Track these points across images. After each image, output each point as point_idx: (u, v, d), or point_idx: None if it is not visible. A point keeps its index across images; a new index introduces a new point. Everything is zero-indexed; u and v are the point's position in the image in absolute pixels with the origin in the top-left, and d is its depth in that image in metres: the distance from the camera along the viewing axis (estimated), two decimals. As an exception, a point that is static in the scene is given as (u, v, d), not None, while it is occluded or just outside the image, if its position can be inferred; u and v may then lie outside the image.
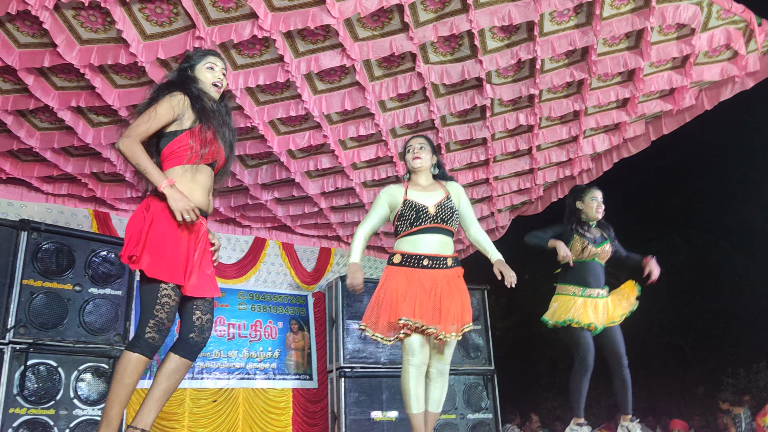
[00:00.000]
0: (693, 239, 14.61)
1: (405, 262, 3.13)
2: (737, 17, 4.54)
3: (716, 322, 14.02)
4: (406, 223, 3.17)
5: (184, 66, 2.76)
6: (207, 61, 2.75)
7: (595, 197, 4.13)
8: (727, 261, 13.95)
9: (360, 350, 6.42)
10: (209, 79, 2.72)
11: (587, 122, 5.58)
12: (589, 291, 4.00)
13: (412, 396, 3.05)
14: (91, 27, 4.05)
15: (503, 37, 4.57)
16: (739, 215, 13.29)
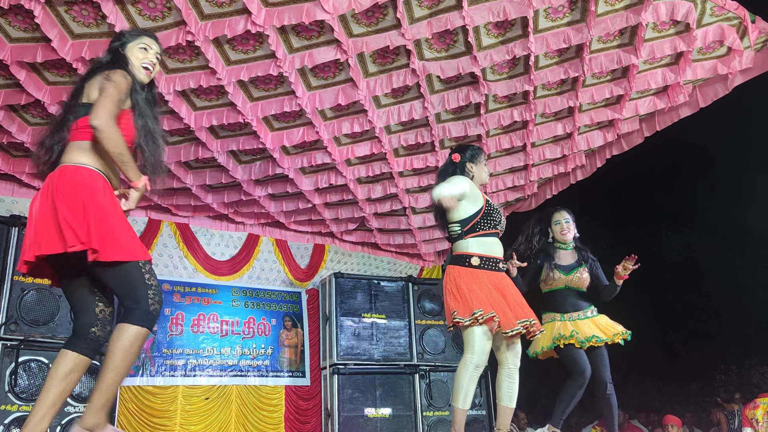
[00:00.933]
0: (686, 237, 14.63)
1: (485, 265, 3.29)
2: (731, 14, 4.54)
3: (709, 320, 14.06)
4: (491, 223, 3.38)
5: (115, 45, 2.61)
6: (141, 41, 2.60)
7: (558, 221, 4.17)
8: (721, 259, 13.98)
9: (354, 347, 6.42)
10: (140, 59, 2.57)
11: (581, 119, 5.58)
12: (569, 315, 4.04)
13: (463, 391, 3.19)
14: (83, 21, 4.02)
15: (498, 34, 4.56)
16: (732, 214, 13.31)
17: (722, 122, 10.24)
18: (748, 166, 12.67)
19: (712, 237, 14.33)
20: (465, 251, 3.29)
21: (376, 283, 6.83)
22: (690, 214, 14.41)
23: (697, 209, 14.29)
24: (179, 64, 4.48)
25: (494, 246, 3.34)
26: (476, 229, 3.29)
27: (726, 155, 14.31)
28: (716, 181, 14.41)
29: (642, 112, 5.55)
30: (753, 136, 12.03)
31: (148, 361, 6.00)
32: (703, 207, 14.20)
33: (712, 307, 14.07)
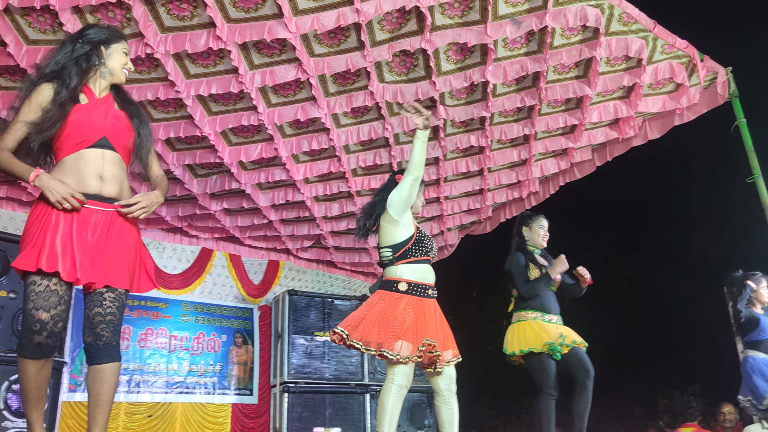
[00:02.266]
0: (638, 264, 15.02)
1: (413, 291, 3.25)
2: (680, 52, 4.73)
3: (656, 345, 14.41)
4: (422, 250, 3.34)
5: (95, 40, 2.53)
6: (124, 45, 2.60)
7: (542, 226, 4.22)
8: (669, 286, 14.37)
9: (305, 365, 6.37)
10: (122, 63, 2.57)
11: (536, 146, 5.70)
12: (548, 317, 4.03)
13: (388, 415, 3.12)
14: (39, 28, 3.94)
15: (457, 60, 4.65)
16: (682, 242, 13.73)
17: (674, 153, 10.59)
18: (699, 197, 13.12)
19: (662, 264, 14.74)
20: (394, 277, 3.27)
21: (330, 302, 6.81)
22: (640, 240, 14.81)
23: (648, 236, 14.70)
24: (137, 75, 4.42)
25: (425, 273, 3.31)
26: (407, 256, 3.29)
27: (678, 185, 14.77)
28: (667, 209, 14.87)
29: (594, 142, 5.71)
30: (703, 168, 12.48)
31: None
32: (654, 234, 14.62)
33: (659, 334, 14.43)
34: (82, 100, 2.45)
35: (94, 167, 2.38)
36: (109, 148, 2.44)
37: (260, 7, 3.96)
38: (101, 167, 2.40)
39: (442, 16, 4.25)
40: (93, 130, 2.41)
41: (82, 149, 2.39)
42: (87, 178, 2.36)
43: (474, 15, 4.25)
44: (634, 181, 13.77)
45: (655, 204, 15.30)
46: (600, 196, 14.33)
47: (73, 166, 2.36)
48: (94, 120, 2.42)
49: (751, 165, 4.75)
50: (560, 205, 7.06)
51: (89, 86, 2.51)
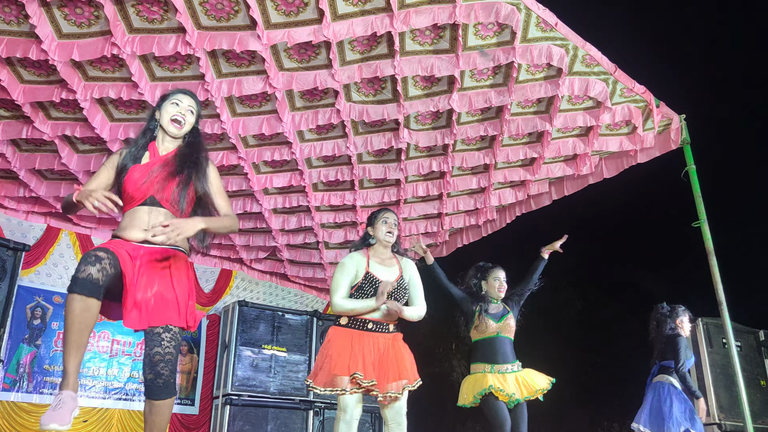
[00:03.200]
0: (586, 295, 15.33)
1: (351, 325, 3.28)
2: (638, 97, 4.90)
3: (599, 376, 14.69)
4: (363, 294, 3.31)
5: (154, 109, 2.81)
6: (174, 97, 2.75)
7: (497, 278, 4.30)
8: (615, 318, 14.71)
9: (250, 378, 6.29)
10: (169, 113, 2.71)
11: (496, 176, 5.80)
12: (498, 367, 4.05)
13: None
14: (3, 18, 3.85)
15: (425, 86, 4.72)
16: (631, 277, 14.10)
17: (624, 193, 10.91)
18: (649, 232, 13.51)
19: (610, 296, 15.09)
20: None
21: (280, 315, 6.75)
22: (591, 274, 15.14)
23: (600, 270, 15.05)
24: (100, 73, 4.35)
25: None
26: (354, 296, 3.35)
27: (631, 221, 15.18)
28: (619, 244, 15.26)
29: (552, 176, 5.84)
30: (650, 208, 12.87)
31: (26, 376, 5.64)
32: (604, 267, 14.97)
33: (602, 365, 14.72)
34: (143, 160, 2.66)
35: (139, 222, 2.53)
36: (157, 205, 2.57)
37: (232, 17, 3.96)
38: (146, 222, 2.52)
39: (412, 42, 4.31)
40: (140, 190, 2.57)
41: (134, 206, 2.56)
42: (132, 230, 2.52)
43: (444, 44, 4.33)
44: (588, 216, 14.10)
45: (607, 239, 15.68)
46: (554, 226, 14.64)
47: (127, 221, 2.55)
48: (141, 181, 2.57)
49: (698, 210, 4.93)
50: (515, 232, 7.18)
51: (155, 146, 2.73)
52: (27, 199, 5.82)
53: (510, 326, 4.19)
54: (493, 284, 4.27)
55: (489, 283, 4.29)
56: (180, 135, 2.73)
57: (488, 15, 4.02)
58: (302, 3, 3.90)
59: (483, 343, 4.14)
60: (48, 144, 5.04)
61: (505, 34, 4.28)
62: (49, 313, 5.88)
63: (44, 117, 4.75)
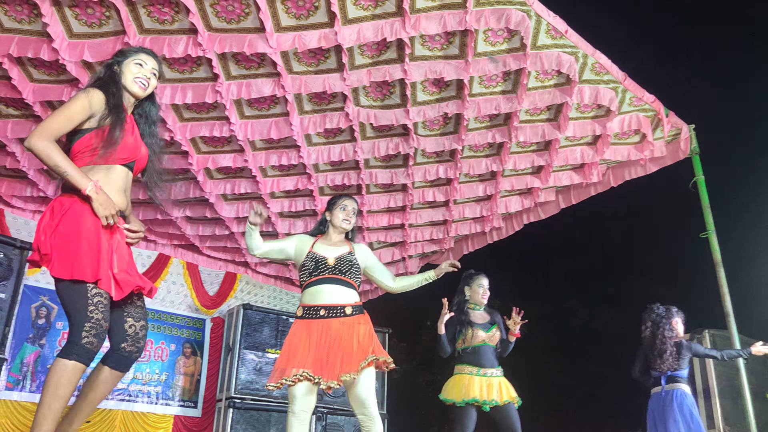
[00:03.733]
0: (590, 305, 15.30)
1: (305, 315, 3.21)
2: (647, 106, 4.89)
3: (601, 387, 14.63)
4: (306, 272, 3.25)
5: (111, 61, 2.61)
6: (137, 57, 2.59)
7: (481, 285, 4.37)
8: (618, 330, 14.64)
9: (253, 381, 6.27)
10: (133, 73, 2.55)
11: (503, 183, 5.79)
12: (484, 371, 4.15)
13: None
14: (15, 17, 3.87)
15: (433, 92, 4.72)
16: (636, 288, 14.05)
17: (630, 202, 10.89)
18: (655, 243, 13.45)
19: (614, 307, 15.03)
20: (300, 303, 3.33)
21: (284, 319, 6.73)
22: (596, 284, 15.10)
23: (604, 280, 15.00)
24: (111, 74, 4.36)
25: (315, 294, 3.22)
26: (302, 284, 3.31)
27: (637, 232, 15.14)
28: (623, 255, 15.21)
29: (559, 184, 5.82)
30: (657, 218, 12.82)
31: (30, 375, 5.64)
32: (608, 278, 14.92)
33: (605, 375, 14.65)
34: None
35: (120, 184, 2.44)
36: (131, 170, 2.51)
37: (243, 19, 3.97)
38: (124, 186, 2.47)
39: (422, 47, 4.31)
40: (132, 151, 2.48)
41: (115, 164, 2.43)
42: (114, 192, 2.40)
43: (453, 49, 4.33)
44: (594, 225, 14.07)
45: (613, 249, 15.64)
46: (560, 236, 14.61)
47: (103, 177, 2.38)
48: (134, 142, 2.48)
49: (706, 221, 4.91)
50: (520, 242, 7.17)
51: (125, 105, 2.53)
52: (35, 198, 5.83)
53: (496, 337, 4.28)
54: (477, 290, 4.35)
55: (473, 290, 4.37)
56: (142, 97, 2.60)
57: (498, 21, 4.02)
58: (313, 6, 3.91)
59: (470, 350, 4.21)
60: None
61: (515, 40, 4.28)
62: (54, 313, 5.88)
63: (54, 116, 4.76)
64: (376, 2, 3.94)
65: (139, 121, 2.63)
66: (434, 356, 15.48)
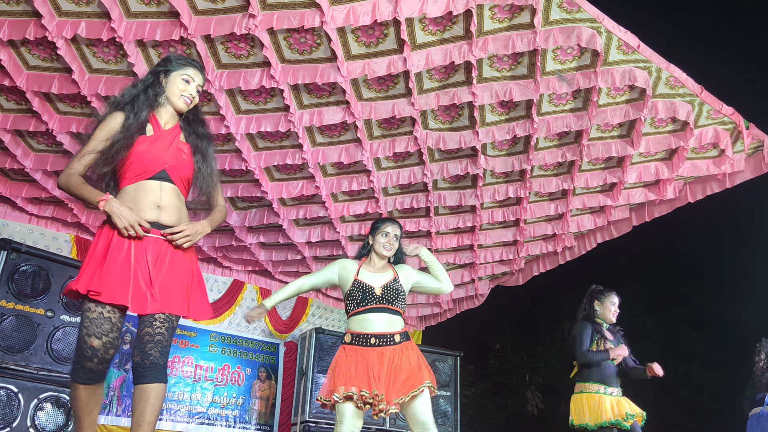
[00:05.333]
0: (665, 326, 14.73)
1: (355, 341, 3.22)
2: (726, 119, 4.73)
3: (681, 410, 14.00)
4: (353, 302, 3.28)
5: (158, 69, 2.60)
6: (185, 72, 2.56)
7: (614, 302, 4.32)
8: (697, 351, 14.04)
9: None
10: (180, 89, 2.53)
11: (574, 202, 5.70)
12: (610, 389, 4.12)
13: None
14: (103, 57, 4.12)
15: (502, 112, 4.72)
16: (715, 307, 13.47)
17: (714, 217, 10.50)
18: (736, 263, 12.88)
19: (693, 328, 14.42)
20: (346, 330, 3.33)
21: (356, 342, 6.77)
22: (670, 303, 14.54)
23: (680, 300, 14.43)
24: (190, 108, 4.56)
25: (366, 322, 3.23)
26: (348, 311, 3.32)
27: (714, 249, 14.55)
28: (698, 273, 14.62)
29: (633, 202, 5.68)
30: (744, 234, 12.29)
31: (116, 399, 5.86)
32: (687, 298, 14.35)
33: (685, 399, 14.02)
34: (147, 132, 2.48)
35: (151, 198, 2.41)
36: (167, 180, 2.46)
37: (314, 50, 4.09)
38: (158, 198, 2.42)
39: (490, 69, 4.33)
40: (153, 163, 2.43)
41: (141, 180, 2.41)
42: (144, 208, 2.38)
43: (522, 69, 4.33)
44: (668, 242, 13.61)
45: (689, 267, 15.06)
46: (631, 252, 14.18)
47: (132, 195, 2.39)
48: (155, 152, 2.44)
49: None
50: (589, 261, 7.00)
51: (156, 117, 2.53)
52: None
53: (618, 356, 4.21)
54: (609, 308, 4.31)
55: (605, 306, 4.31)
56: (184, 111, 2.58)
57: (568, 39, 4.00)
58: (382, 34, 3.99)
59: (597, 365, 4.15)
60: (139, 176, 5.30)
61: (585, 58, 4.24)
62: (138, 339, 6.12)
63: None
64: (444, 27, 3.99)
65: (185, 126, 2.60)
66: (504, 380, 15.20)
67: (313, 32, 3.95)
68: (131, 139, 2.41)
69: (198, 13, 3.80)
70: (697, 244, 14.38)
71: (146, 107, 2.49)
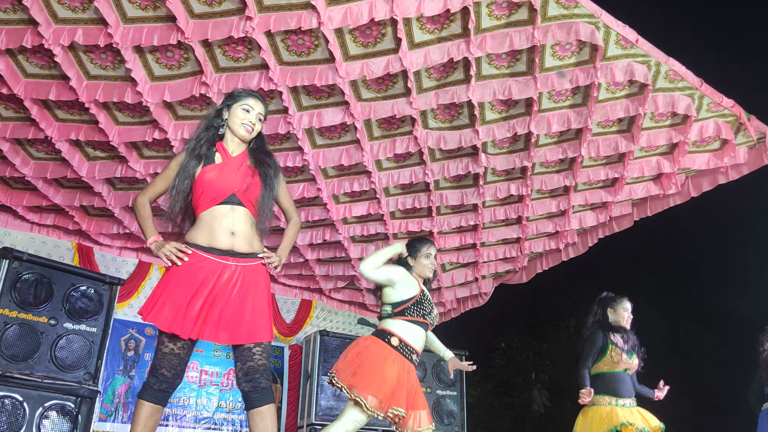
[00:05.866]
0: (670, 320, 14.70)
1: (401, 350, 3.21)
2: (727, 111, 4.71)
3: (685, 405, 13.97)
4: (418, 309, 3.29)
5: (221, 106, 2.81)
6: (245, 103, 2.74)
7: (626, 309, 4.25)
8: (702, 345, 14.01)
9: (333, 408, 6.30)
10: (240, 119, 2.70)
11: (576, 198, 5.68)
12: (622, 401, 4.03)
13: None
14: (100, 64, 4.11)
15: (501, 110, 4.70)
16: (719, 301, 13.42)
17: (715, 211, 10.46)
18: (739, 257, 12.84)
19: (697, 323, 14.39)
20: (389, 329, 3.25)
21: (360, 344, 6.76)
22: (674, 298, 14.51)
23: (685, 294, 14.39)
24: (189, 112, 4.56)
25: (415, 334, 3.27)
26: (405, 314, 3.27)
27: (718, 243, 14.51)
28: (701, 267, 14.58)
29: (635, 197, 5.66)
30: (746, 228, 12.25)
31: (121, 407, 5.85)
32: (692, 292, 14.31)
33: (690, 393, 13.99)
34: (216, 160, 2.66)
35: (225, 224, 2.56)
36: (238, 204, 2.60)
37: (312, 51, 4.08)
38: (231, 223, 2.57)
39: (489, 66, 4.32)
40: (223, 188, 2.59)
41: (214, 206, 2.58)
42: (219, 234, 2.55)
43: (521, 66, 4.32)
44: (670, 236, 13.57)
45: (689, 259, 15.03)
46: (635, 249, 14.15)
47: (208, 222, 2.57)
48: (224, 178, 2.61)
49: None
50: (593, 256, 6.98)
51: (224, 146, 2.71)
52: (120, 235, 6.11)
53: (635, 365, 4.16)
54: (623, 314, 4.25)
55: (618, 313, 4.25)
56: (248, 139, 2.75)
57: (567, 35, 3.98)
58: (380, 34, 3.98)
59: (610, 376, 4.09)
60: (140, 182, 5.29)
61: (584, 53, 4.23)
62: (142, 345, 6.11)
63: (137, 156, 5.00)
64: (442, 25, 3.98)
65: (254, 154, 2.76)
66: (510, 378, 15.17)
67: (310, 33, 3.94)
68: (188, 172, 2.62)
69: (195, 17, 3.79)
70: (701, 237, 14.34)
71: (206, 143, 2.69)
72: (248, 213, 2.63)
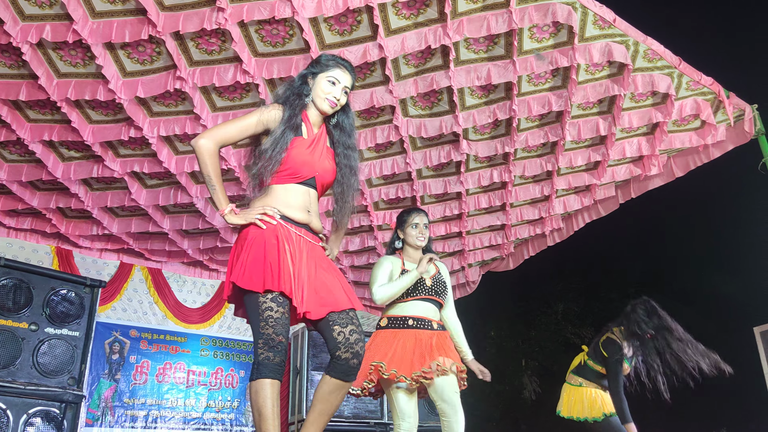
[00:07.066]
0: (658, 303, 14.83)
1: (391, 324, 3.32)
2: (706, 89, 4.70)
3: (680, 388, 14.10)
4: (405, 293, 3.35)
5: (306, 72, 2.58)
6: (331, 73, 2.51)
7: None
8: (691, 327, 14.14)
9: (323, 403, 6.25)
10: (325, 92, 2.49)
11: (559, 182, 5.66)
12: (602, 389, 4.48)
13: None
14: (70, 61, 4.01)
15: (481, 95, 4.66)
16: (707, 283, 13.53)
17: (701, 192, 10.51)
18: (726, 238, 12.95)
19: (685, 305, 14.50)
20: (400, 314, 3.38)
21: (349, 338, 6.72)
22: (661, 281, 14.60)
23: (668, 276, 14.50)
24: (164, 108, 4.48)
25: (404, 308, 3.36)
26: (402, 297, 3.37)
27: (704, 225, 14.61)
28: (688, 249, 14.69)
29: (618, 179, 5.65)
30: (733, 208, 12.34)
31: (108, 411, 5.77)
32: (679, 275, 14.41)
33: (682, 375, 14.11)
34: (303, 133, 2.46)
35: (302, 201, 2.42)
36: (313, 187, 2.47)
37: (287, 41, 4.01)
38: (308, 203, 2.44)
39: (467, 51, 4.28)
40: (307, 168, 2.43)
41: (291, 183, 2.41)
42: (295, 209, 2.39)
43: (499, 50, 4.28)
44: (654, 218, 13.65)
45: (676, 242, 15.14)
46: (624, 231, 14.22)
47: (282, 196, 2.39)
48: (311, 158, 2.44)
49: (780, 201, 4.67)
50: (579, 242, 6.98)
51: (309, 119, 2.52)
52: (100, 237, 6.01)
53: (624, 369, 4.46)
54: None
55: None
56: (329, 114, 2.55)
57: (543, 16, 3.95)
58: (355, 21, 3.92)
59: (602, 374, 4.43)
60: (118, 181, 5.20)
61: (562, 35, 4.19)
62: (127, 348, 6.03)
63: (113, 155, 4.91)
64: (418, 10, 3.93)
65: (334, 132, 2.59)
66: (501, 366, 15.21)
67: (284, 23, 3.87)
68: (285, 143, 2.38)
69: (165, 9, 3.71)
70: (685, 218, 14.44)
71: (300, 112, 2.48)
72: (317, 197, 2.51)
